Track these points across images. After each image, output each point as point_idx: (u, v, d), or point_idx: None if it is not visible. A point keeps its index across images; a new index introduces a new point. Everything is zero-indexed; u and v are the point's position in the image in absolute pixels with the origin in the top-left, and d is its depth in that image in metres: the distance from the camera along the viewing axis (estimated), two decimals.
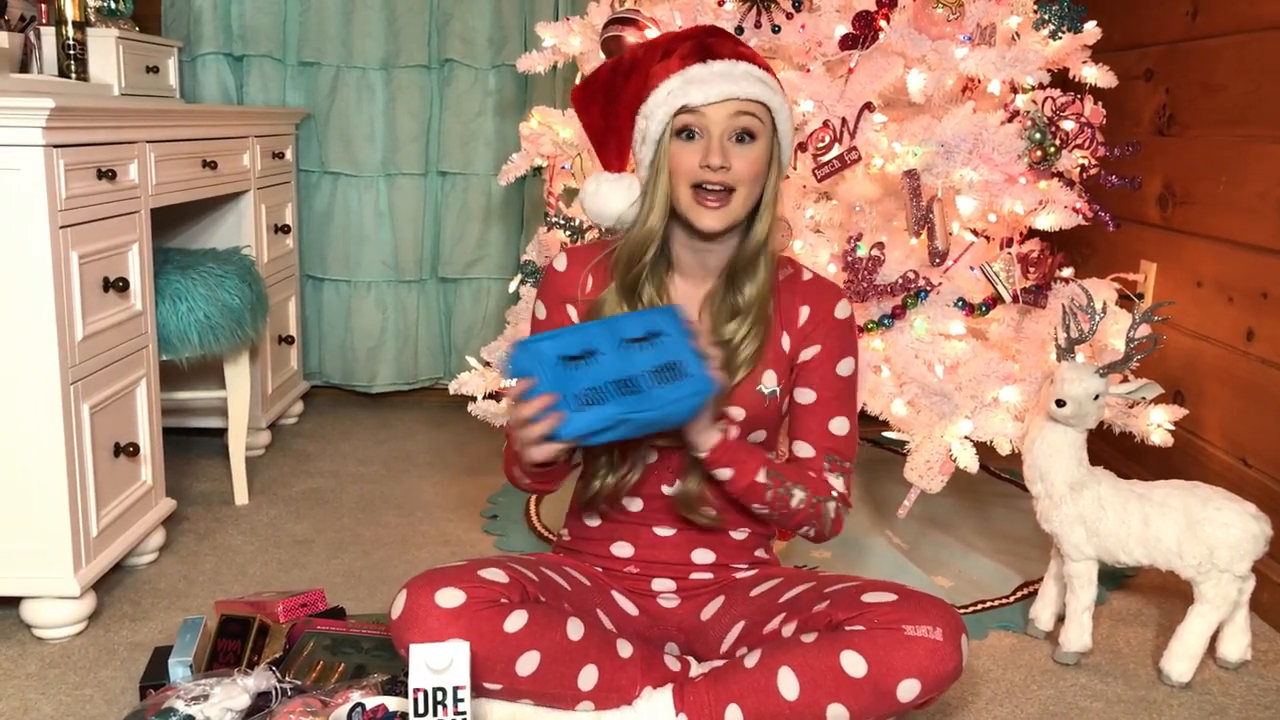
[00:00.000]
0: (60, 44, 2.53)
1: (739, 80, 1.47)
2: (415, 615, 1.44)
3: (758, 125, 1.48)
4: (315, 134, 3.37)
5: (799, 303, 1.59)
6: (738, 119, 1.47)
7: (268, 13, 3.28)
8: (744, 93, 1.46)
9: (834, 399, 1.59)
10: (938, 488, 2.09)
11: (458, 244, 3.45)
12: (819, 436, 1.59)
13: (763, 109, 1.48)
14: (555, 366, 1.36)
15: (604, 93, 1.56)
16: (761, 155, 1.49)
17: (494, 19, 3.33)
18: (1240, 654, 1.86)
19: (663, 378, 1.38)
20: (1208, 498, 1.79)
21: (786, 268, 1.63)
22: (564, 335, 1.39)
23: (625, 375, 1.37)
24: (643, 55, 1.53)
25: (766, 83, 1.49)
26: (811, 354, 1.59)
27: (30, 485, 1.84)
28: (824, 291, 1.61)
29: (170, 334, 2.28)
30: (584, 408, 1.35)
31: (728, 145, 1.47)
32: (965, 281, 2.18)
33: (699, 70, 1.47)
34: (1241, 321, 2.23)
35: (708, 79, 1.46)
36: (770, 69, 1.53)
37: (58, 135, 1.80)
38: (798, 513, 1.56)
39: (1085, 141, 2.12)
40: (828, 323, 1.59)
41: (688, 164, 1.48)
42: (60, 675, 1.77)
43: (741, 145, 1.48)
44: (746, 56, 1.50)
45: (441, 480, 2.81)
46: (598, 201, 1.58)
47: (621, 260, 1.56)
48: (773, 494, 1.53)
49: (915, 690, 1.40)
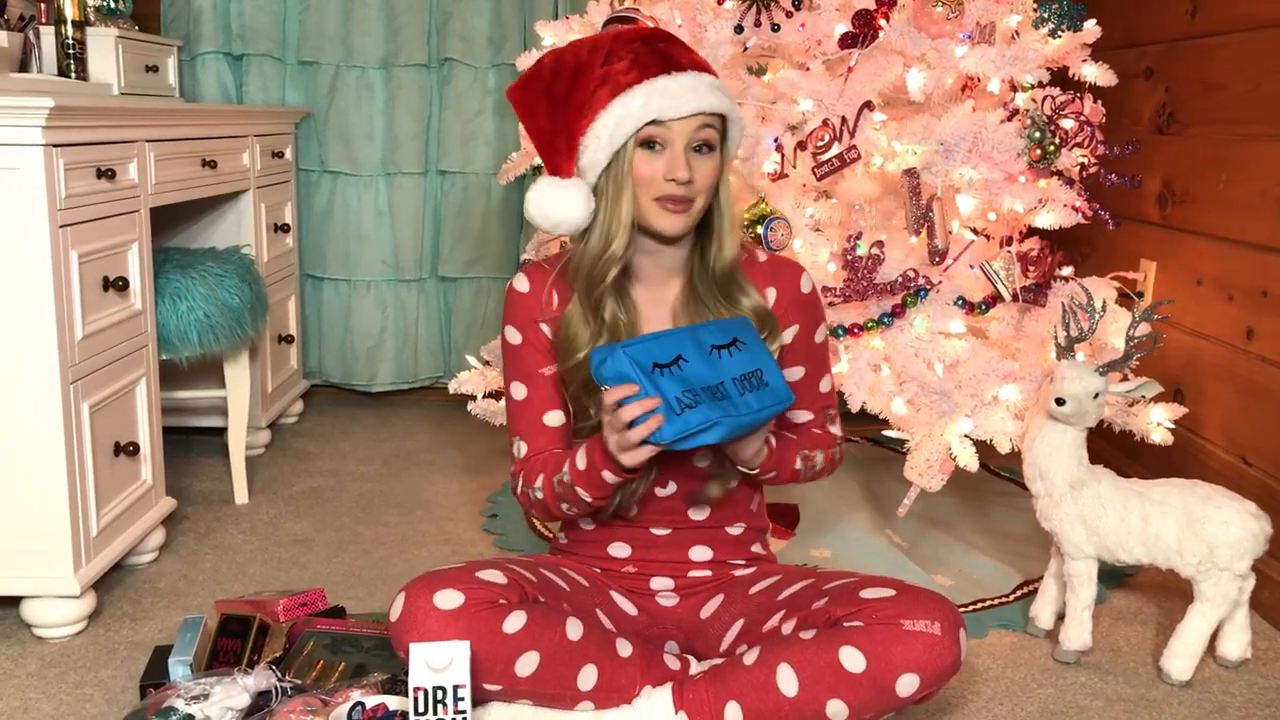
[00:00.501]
0: (60, 43, 2.53)
1: (704, 94, 1.47)
2: (414, 617, 1.44)
3: (715, 136, 1.50)
4: (315, 133, 3.37)
5: (763, 285, 1.61)
6: (700, 132, 1.48)
7: (267, 12, 3.28)
8: (709, 106, 1.47)
9: (818, 366, 1.67)
10: (938, 486, 2.09)
11: (457, 243, 3.45)
12: (813, 400, 1.66)
13: (719, 119, 1.51)
14: (650, 373, 1.37)
15: (547, 95, 1.52)
16: (719, 163, 1.52)
17: (493, 18, 3.33)
18: (1240, 652, 1.86)
19: (747, 385, 1.42)
20: (1208, 496, 1.79)
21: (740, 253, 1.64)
22: (651, 342, 1.40)
23: (715, 381, 1.40)
24: (585, 56, 1.50)
25: (723, 92, 1.51)
26: (792, 334, 1.63)
27: (30, 485, 1.84)
28: (784, 271, 1.64)
29: (170, 333, 2.28)
30: (683, 411, 1.36)
31: (690, 156, 1.48)
32: (965, 280, 2.18)
33: (666, 83, 1.46)
34: (1241, 320, 2.23)
35: (677, 93, 1.46)
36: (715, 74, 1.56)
37: (57, 134, 1.80)
38: (820, 472, 1.65)
39: (1085, 140, 2.12)
40: (798, 300, 1.63)
41: (650, 174, 1.48)
42: (60, 674, 1.77)
43: (701, 155, 1.49)
44: (701, 65, 1.51)
45: (441, 479, 2.81)
46: (549, 207, 1.51)
47: (581, 276, 1.54)
48: (805, 469, 1.61)
49: (914, 685, 1.40)
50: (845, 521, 2.38)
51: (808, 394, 1.66)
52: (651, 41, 1.50)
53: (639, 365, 1.36)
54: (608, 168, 1.49)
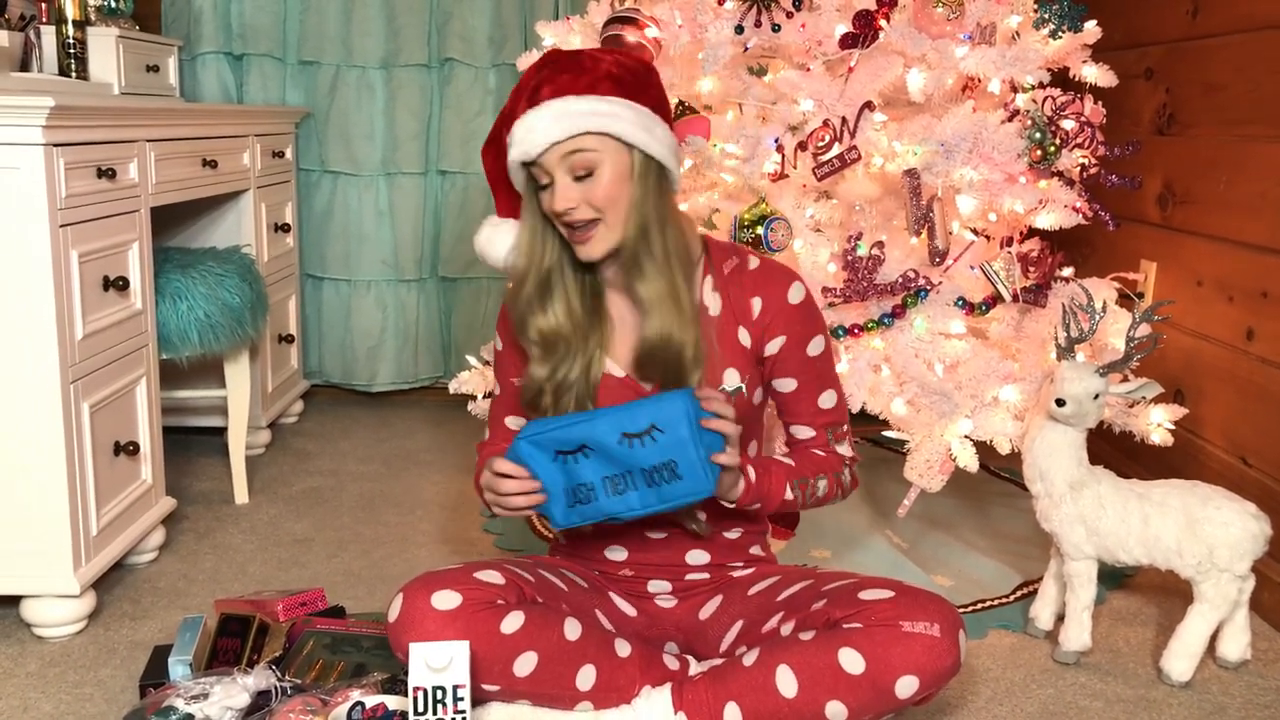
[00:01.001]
0: (60, 43, 2.53)
1: (551, 125, 1.44)
2: (412, 618, 1.44)
3: (594, 156, 1.45)
4: (315, 133, 3.37)
5: (749, 295, 1.57)
6: (570, 159, 1.45)
7: (268, 12, 3.28)
8: (560, 134, 1.43)
9: (815, 379, 1.61)
10: (937, 487, 2.09)
11: (458, 243, 3.45)
12: (813, 416, 1.63)
13: (595, 137, 1.45)
14: (549, 464, 1.44)
15: (495, 143, 1.57)
16: (613, 178, 1.46)
17: (494, 18, 3.33)
18: (1240, 653, 1.86)
19: (658, 477, 1.41)
20: (1207, 497, 1.79)
21: (731, 259, 1.60)
22: (558, 429, 1.43)
23: (617, 472, 1.43)
24: (514, 100, 1.51)
25: (592, 110, 1.44)
26: (778, 345, 1.58)
27: (30, 484, 1.84)
28: (773, 279, 1.58)
29: (170, 333, 2.28)
30: (573, 505, 1.45)
31: (570, 187, 1.46)
32: (965, 280, 2.18)
33: (520, 125, 1.46)
34: (1241, 321, 2.23)
35: (527, 134, 1.45)
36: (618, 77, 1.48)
37: (58, 134, 1.80)
38: (824, 498, 1.62)
39: (1085, 141, 2.12)
40: (785, 312, 1.57)
41: (547, 208, 1.50)
42: (60, 674, 1.77)
43: (583, 181, 1.47)
44: (567, 88, 1.45)
45: (441, 479, 2.81)
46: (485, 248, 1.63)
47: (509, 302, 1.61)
48: (800, 497, 1.57)
49: (913, 686, 1.40)
50: (845, 522, 2.38)
51: (804, 410, 1.63)
52: (541, 70, 1.49)
53: (539, 459, 1.44)
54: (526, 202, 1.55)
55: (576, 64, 1.48)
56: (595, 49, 1.55)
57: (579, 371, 1.55)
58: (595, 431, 1.41)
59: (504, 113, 1.53)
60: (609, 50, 1.54)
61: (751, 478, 1.51)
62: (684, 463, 1.40)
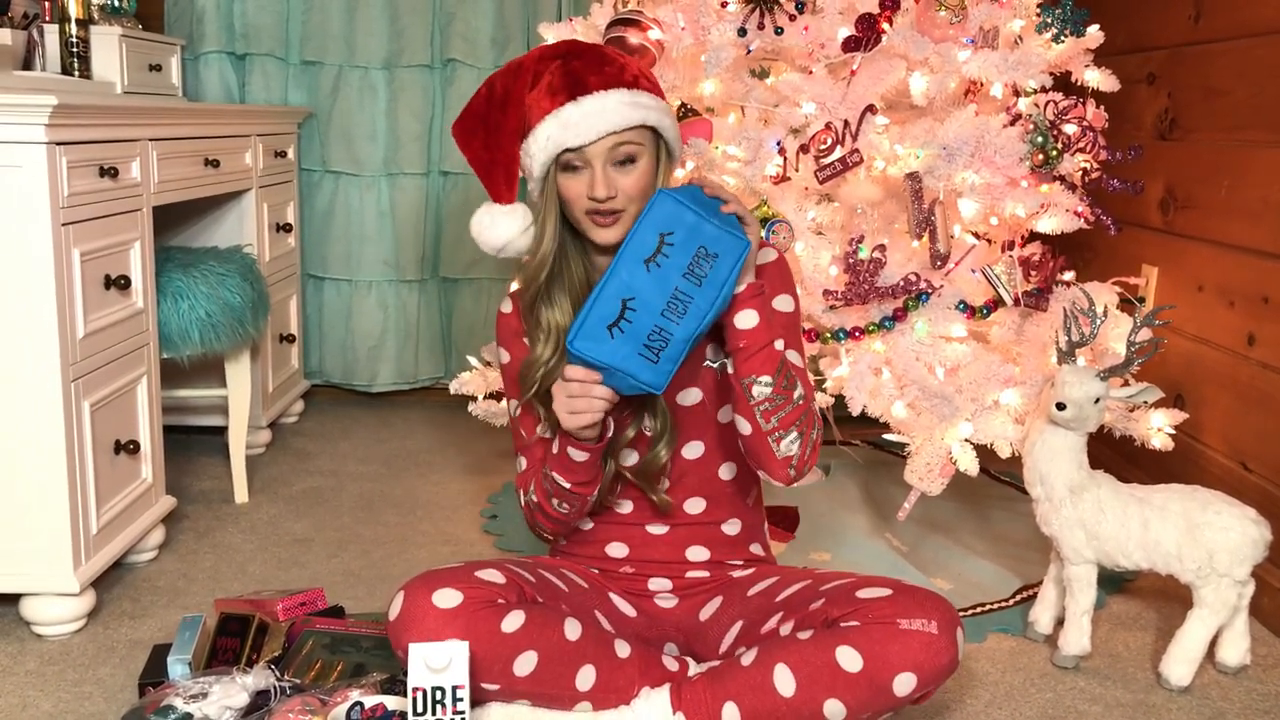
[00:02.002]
0: (63, 42, 2.53)
1: (612, 114, 1.47)
2: (412, 616, 1.44)
3: (638, 148, 1.50)
4: (317, 133, 3.37)
5: None
6: (617, 150, 1.49)
7: (270, 12, 3.28)
8: (621, 124, 1.48)
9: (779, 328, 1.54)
10: (938, 490, 2.09)
11: (459, 244, 3.45)
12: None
13: (642, 131, 1.50)
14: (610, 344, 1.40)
15: (482, 125, 1.57)
16: (647, 168, 1.52)
17: (496, 19, 3.33)
18: (1239, 659, 1.85)
19: (699, 272, 1.41)
20: (1207, 502, 1.79)
21: None
22: (592, 310, 1.41)
23: (667, 298, 1.41)
24: (512, 83, 1.53)
25: (642, 104, 1.50)
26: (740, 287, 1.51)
27: (30, 482, 1.84)
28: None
29: (171, 332, 2.28)
30: (656, 360, 1.41)
31: (611, 173, 1.49)
32: (966, 284, 2.18)
33: (572, 111, 1.47)
34: (1242, 326, 2.23)
35: (582, 120, 1.47)
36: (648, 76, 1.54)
37: (60, 133, 1.80)
38: (795, 409, 1.49)
39: (1087, 145, 2.12)
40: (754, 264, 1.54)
41: (575, 193, 1.51)
42: (59, 672, 1.77)
43: (624, 168, 1.50)
44: (616, 81, 1.49)
45: (442, 479, 2.81)
46: (488, 232, 1.60)
47: (522, 285, 1.60)
48: (780, 376, 1.48)
49: (911, 684, 1.40)
50: (845, 525, 2.38)
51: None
52: (568, 60, 1.51)
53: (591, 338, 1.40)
54: (541, 192, 1.54)
55: (606, 58, 1.52)
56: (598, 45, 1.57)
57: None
58: (622, 281, 1.41)
59: (493, 95, 1.54)
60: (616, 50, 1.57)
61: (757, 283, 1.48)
62: (710, 240, 1.42)
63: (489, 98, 1.55)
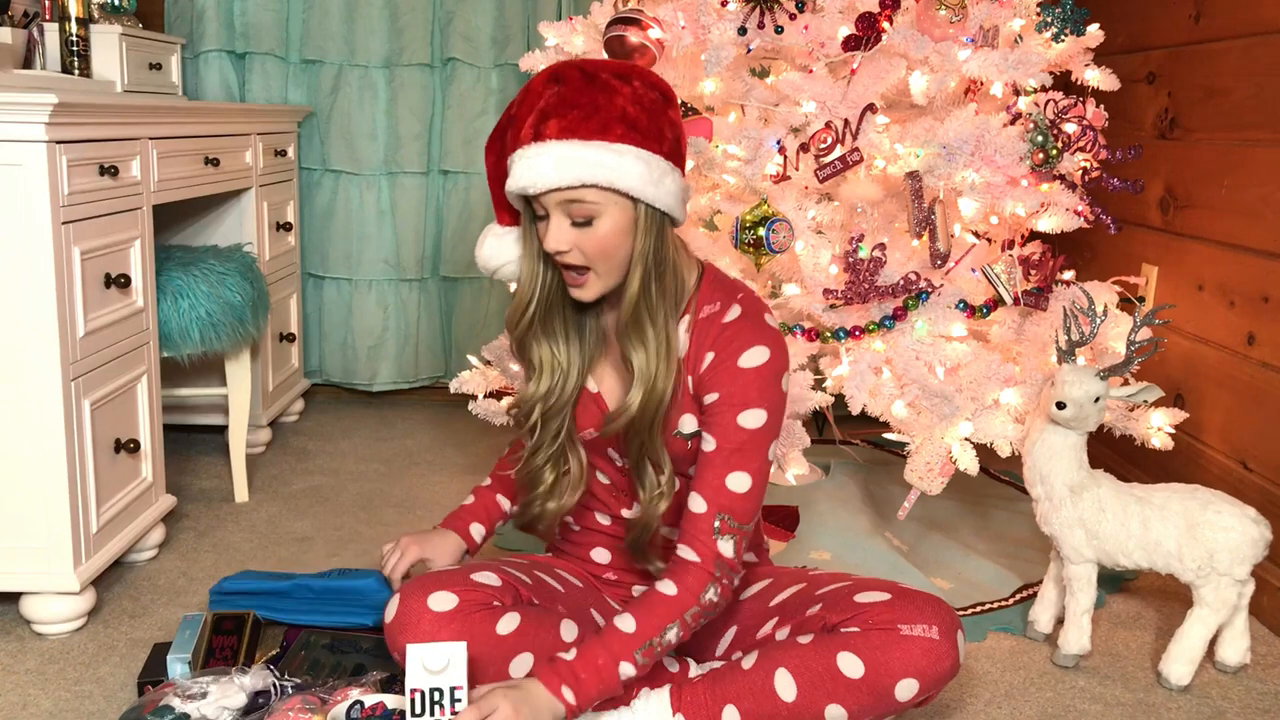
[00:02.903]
0: (63, 40, 2.53)
1: (553, 171, 1.35)
2: (408, 619, 1.44)
3: (593, 208, 1.37)
4: (317, 132, 3.37)
5: (706, 347, 1.48)
6: (570, 206, 1.38)
7: (270, 10, 3.28)
8: (563, 182, 1.35)
9: (735, 451, 1.45)
10: (938, 489, 2.09)
11: (459, 243, 3.45)
12: (714, 492, 1.45)
13: (598, 190, 1.36)
14: None
15: (498, 144, 1.50)
16: (609, 231, 1.39)
17: (497, 18, 3.33)
18: (1239, 658, 1.86)
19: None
20: (1207, 501, 1.79)
21: (715, 303, 1.50)
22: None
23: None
24: (520, 106, 1.43)
25: (598, 162, 1.34)
26: (712, 399, 1.47)
27: (30, 481, 1.84)
28: (737, 336, 1.46)
29: (171, 331, 2.28)
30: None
31: (565, 230, 1.39)
32: (966, 283, 2.18)
33: (522, 157, 1.38)
34: (1242, 325, 2.23)
35: (527, 170, 1.36)
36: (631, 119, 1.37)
37: (60, 131, 1.80)
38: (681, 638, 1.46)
39: (1087, 144, 2.12)
40: (729, 371, 1.45)
41: (543, 241, 1.43)
42: (59, 671, 1.77)
43: (582, 229, 1.39)
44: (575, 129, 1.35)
45: (441, 479, 2.81)
46: (480, 254, 1.56)
47: (509, 323, 1.55)
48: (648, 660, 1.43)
49: (913, 690, 1.40)
50: (845, 524, 2.38)
51: (709, 479, 1.45)
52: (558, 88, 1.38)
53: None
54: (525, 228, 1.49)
55: (589, 98, 1.36)
56: (613, 73, 1.40)
57: (570, 396, 1.54)
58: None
59: (510, 113, 1.47)
60: (626, 75, 1.40)
61: (570, 701, 1.37)
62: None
63: (507, 116, 1.48)
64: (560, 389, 1.53)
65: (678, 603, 1.44)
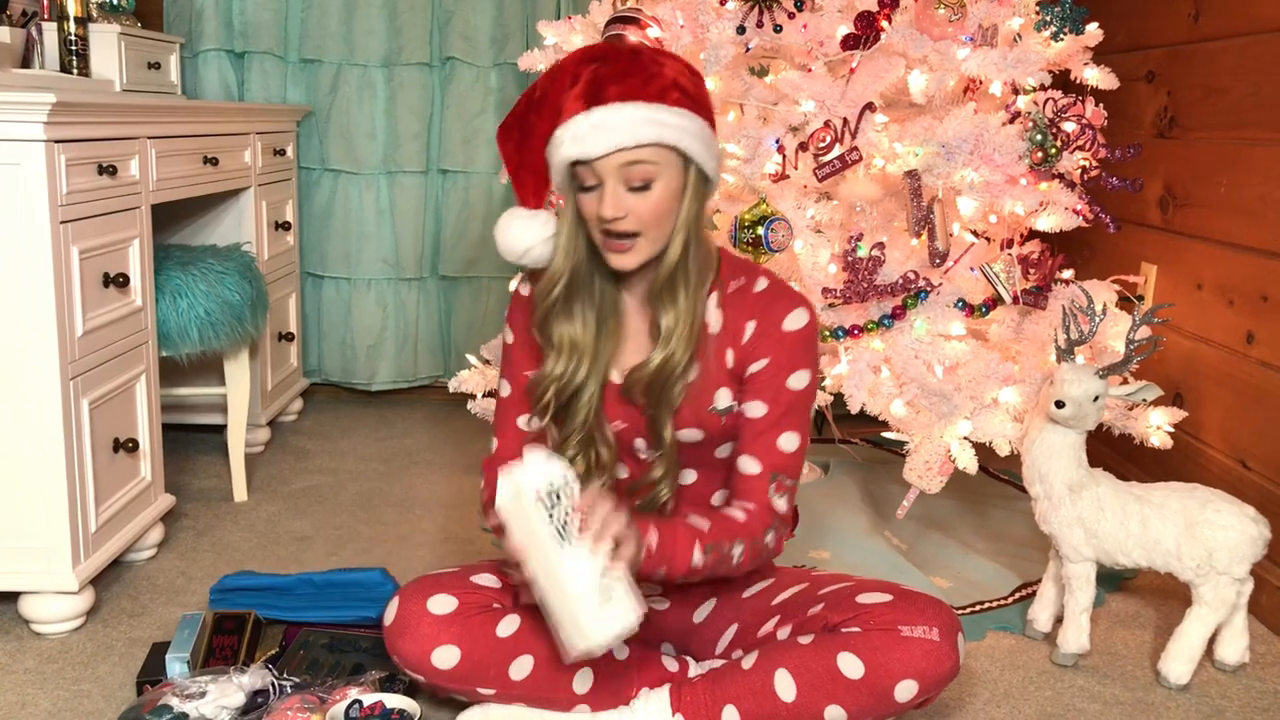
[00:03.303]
0: (62, 40, 2.53)
1: (622, 129, 1.36)
2: (407, 622, 1.44)
3: (653, 170, 1.38)
4: (316, 131, 3.37)
5: (745, 317, 1.50)
6: (629, 169, 1.38)
7: (269, 9, 3.27)
8: (630, 141, 1.36)
9: (785, 414, 1.49)
10: (937, 488, 2.09)
11: (458, 242, 3.45)
12: (766, 452, 1.50)
13: (660, 150, 1.38)
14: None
15: (519, 127, 1.49)
16: (664, 195, 1.40)
17: (496, 17, 3.33)
18: (1238, 656, 1.86)
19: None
20: (1206, 500, 1.79)
21: (739, 277, 1.53)
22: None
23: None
24: (550, 85, 1.44)
25: (663, 121, 1.37)
26: (759, 366, 1.49)
27: (29, 480, 1.84)
28: (774, 302, 1.50)
29: (170, 330, 2.28)
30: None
31: (622, 196, 1.39)
32: (965, 282, 2.18)
33: (581, 123, 1.38)
34: (1241, 324, 2.23)
35: (590, 133, 1.37)
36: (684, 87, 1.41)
37: (59, 130, 1.80)
38: (740, 565, 1.49)
39: (1086, 143, 2.12)
40: (774, 334, 1.48)
41: (590, 212, 1.42)
42: (58, 670, 1.77)
43: (638, 192, 1.39)
44: (637, 93, 1.37)
45: (441, 478, 2.81)
46: (508, 237, 1.53)
47: (536, 298, 1.53)
48: (711, 562, 1.45)
49: (913, 691, 1.40)
50: (844, 523, 2.38)
51: (760, 442, 1.50)
52: (601, 64, 1.40)
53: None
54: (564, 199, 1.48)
55: (642, 66, 1.40)
56: (653, 52, 1.44)
57: (588, 378, 1.51)
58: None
59: (534, 97, 1.46)
60: (664, 55, 1.45)
61: (653, 545, 1.39)
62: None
63: (530, 99, 1.47)
64: (574, 372, 1.50)
65: (745, 527, 1.48)
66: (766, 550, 1.51)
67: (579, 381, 1.51)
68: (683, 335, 1.46)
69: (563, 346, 1.51)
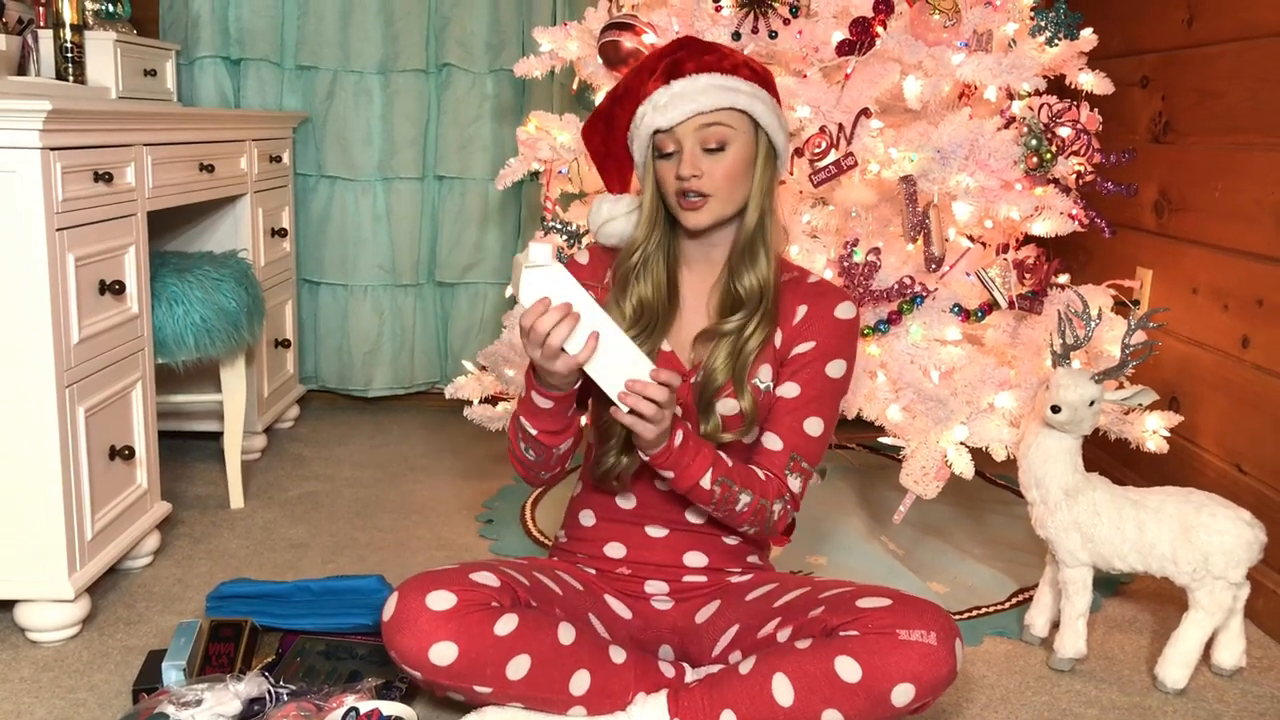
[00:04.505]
0: (58, 47, 2.53)
1: (699, 96, 1.52)
2: (406, 618, 1.44)
3: (728, 133, 1.53)
4: (312, 138, 3.37)
5: (798, 302, 1.63)
6: (705, 131, 1.53)
7: (265, 16, 3.28)
8: (707, 105, 1.52)
9: (816, 398, 1.60)
10: (933, 494, 2.09)
11: (454, 248, 3.45)
12: (789, 432, 1.60)
13: (735, 115, 1.54)
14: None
15: (604, 121, 1.65)
16: (738, 158, 1.55)
17: (491, 23, 3.33)
18: (1235, 661, 1.86)
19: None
20: (1202, 504, 1.79)
21: (791, 271, 1.68)
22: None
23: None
24: (633, 80, 1.60)
25: (736, 89, 1.53)
26: (804, 349, 1.61)
27: (25, 488, 1.84)
28: (826, 293, 1.65)
29: (166, 337, 2.28)
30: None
31: (699, 157, 1.53)
32: (961, 287, 2.18)
33: (662, 94, 1.54)
34: (1236, 328, 2.23)
35: (670, 102, 1.53)
36: (753, 68, 1.58)
37: (55, 138, 1.80)
38: (741, 515, 1.57)
39: (1081, 148, 2.12)
40: (825, 320, 1.61)
41: (668, 179, 1.57)
42: (54, 679, 1.77)
43: (713, 154, 1.54)
44: (713, 66, 1.54)
45: (437, 484, 2.81)
46: (594, 215, 1.68)
47: (619, 260, 1.65)
48: (719, 496, 1.54)
49: (910, 695, 1.41)
50: (841, 528, 2.38)
51: (787, 421, 1.60)
52: (674, 53, 1.57)
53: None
54: (643, 177, 1.61)
55: (716, 49, 1.58)
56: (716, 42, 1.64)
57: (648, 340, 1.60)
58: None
59: (617, 94, 1.61)
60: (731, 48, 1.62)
61: (675, 443, 1.49)
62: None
63: (614, 96, 1.62)
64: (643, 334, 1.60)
65: (760, 484, 1.56)
66: (770, 518, 1.59)
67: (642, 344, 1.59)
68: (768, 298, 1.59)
69: (637, 306, 1.61)
